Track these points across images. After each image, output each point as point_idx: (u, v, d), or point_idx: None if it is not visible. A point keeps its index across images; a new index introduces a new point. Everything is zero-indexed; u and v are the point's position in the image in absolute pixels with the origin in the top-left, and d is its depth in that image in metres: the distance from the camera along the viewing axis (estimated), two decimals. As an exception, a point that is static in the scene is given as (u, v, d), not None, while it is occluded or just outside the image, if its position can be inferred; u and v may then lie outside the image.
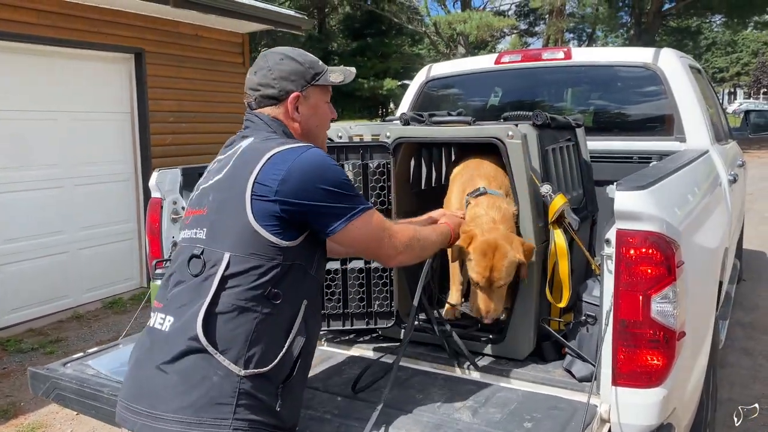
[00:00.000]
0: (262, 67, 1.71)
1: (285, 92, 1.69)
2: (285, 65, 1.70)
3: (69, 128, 5.58)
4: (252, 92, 1.72)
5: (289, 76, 1.69)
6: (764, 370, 4.14)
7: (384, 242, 1.66)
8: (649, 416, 1.82)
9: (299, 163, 1.54)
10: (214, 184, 1.62)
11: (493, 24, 19.52)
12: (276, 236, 1.52)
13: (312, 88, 1.73)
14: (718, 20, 27.33)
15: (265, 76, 1.70)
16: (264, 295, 1.51)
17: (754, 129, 4.79)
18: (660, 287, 1.74)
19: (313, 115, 1.75)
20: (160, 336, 1.54)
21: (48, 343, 4.89)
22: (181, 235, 1.69)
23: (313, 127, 1.76)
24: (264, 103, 1.71)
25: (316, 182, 1.53)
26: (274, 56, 1.72)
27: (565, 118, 2.56)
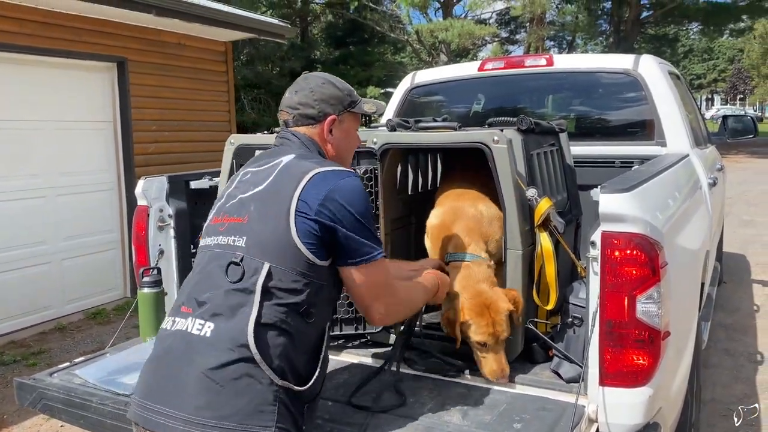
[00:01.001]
0: (304, 88, 1.80)
1: (323, 114, 1.78)
2: (326, 89, 1.79)
3: (51, 138, 5.54)
4: (291, 110, 1.80)
5: (329, 100, 1.79)
6: (745, 371, 4.21)
7: (380, 301, 1.71)
8: (636, 415, 1.85)
9: (340, 187, 1.60)
10: (255, 195, 1.66)
11: (474, 32, 19.64)
12: (313, 254, 1.57)
13: (347, 114, 1.83)
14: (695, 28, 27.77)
15: (306, 97, 1.78)
16: (300, 312, 1.56)
17: (731, 134, 4.87)
18: (645, 288, 1.78)
19: (344, 139, 1.84)
20: (202, 342, 1.53)
21: (30, 354, 4.82)
22: (210, 240, 1.70)
23: (343, 150, 1.86)
24: (301, 122, 1.79)
25: (351, 209, 1.60)
26: (316, 79, 1.81)
27: (548, 123, 2.60)
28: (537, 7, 19.90)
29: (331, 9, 21.88)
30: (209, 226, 1.76)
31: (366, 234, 1.63)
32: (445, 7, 21.99)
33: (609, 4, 24.53)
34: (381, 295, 1.71)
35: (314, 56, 21.54)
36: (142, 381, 1.61)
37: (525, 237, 2.15)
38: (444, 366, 2.20)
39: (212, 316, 1.55)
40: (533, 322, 2.22)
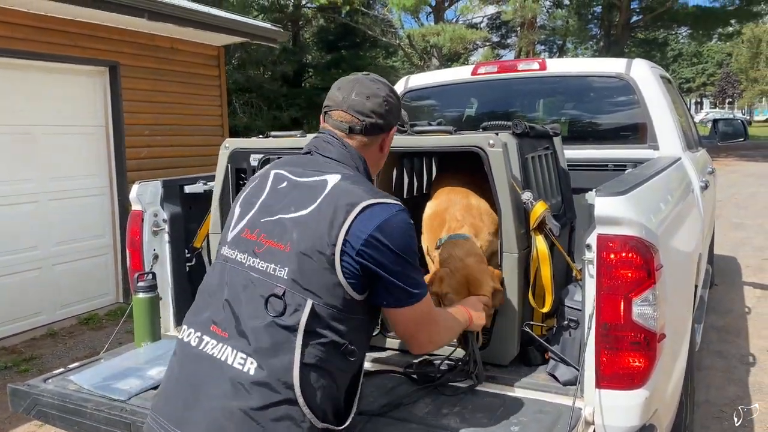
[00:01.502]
0: (378, 96, 1.72)
1: (389, 126, 1.76)
2: (394, 100, 1.76)
3: (43, 142, 5.51)
4: (363, 117, 1.70)
5: (395, 111, 1.76)
6: (738, 372, 4.23)
7: (422, 331, 1.69)
8: (633, 417, 1.85)
9: (386, 226, 1.52)
10: (299, 220, 1.55)
11: (466, 36, 19.74)
12: (354, 291, 1.51)
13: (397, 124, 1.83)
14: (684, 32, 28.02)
15: (380, 106, 1.71)
16: (341, 350, 1.51)
17: (722, 137, 4.91)
18: (640, 290, 1.79)
19: (388, 148, 1.84)
20: (244, 379, 1.45)
21: (22, 361, 4.78)
22: (243, 257, 1.59)
23: (382, 160, 1.85)
24: (370, 132, 1.72)
25: (396, 249, 1.53)
26: (385, 88, 1.75)
27: (543, 127, 2.61)
28: (528, 11, 20.02)
29: (322, 13, 21.90)
30: (240, 238, 1.62)
31: (409, 276, 1.56)
32: (436, 12, 22.08)
33: (599, 8, 24.73)
34: (423, 326, 1.68)
35: (306, 60, 21.56)
36: (166, 401, 1.55)
37: (521, 240, 2.16)
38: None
39: (255, 352, 1.47)
40: (529, 325, 2.23)
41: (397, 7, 19.59)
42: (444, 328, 1.80)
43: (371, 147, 1.74)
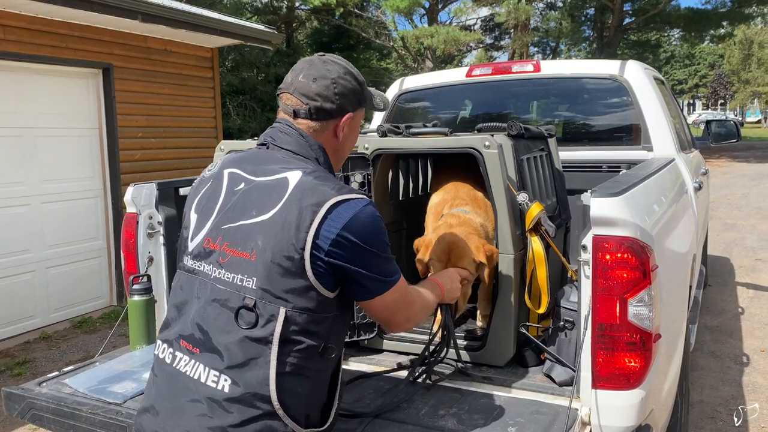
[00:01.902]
0: (325, 77, 1.58)
1: (342, 111, 1.60)
2: (348, 82, 1.60)
3: (35, 145, 5.49)
4: (306, 100, 1.57)
5: (349, 95, 1.60)
6: (732, 373, 4.25)
7: (399, 314, 1.63)
8: (629, 417, 1.86)
9: (355, 224, 1.44)
10: (262, 225, 1.45)
11: (459, 38, 19.78)
12: (326, 289, 1.46)
13: (359, 109, 1.67)
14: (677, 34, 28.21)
15: (327, 88, 1.57)
16: (319, 352, 1.46)
17: (715, 138, 4.94)
18: (636, 291, 1.79)
19: (350, 136, 1.68)
20: (219, 397, 1.41)
21: (15, 364, 4.76)
22: (207, 267, 1.51)
23: (346, 149, 1.71)
24: (317, 116, 1.58)
25: (365, 245, 1.46)
26: (337, 68, 1.61)
27: (538, 129, 2.62)
28: (521, 13, 20.09)
29: (316, 15, 21.91)
30: (203, 249, 1.53)
31: (380, 266, 1.51)
32: (430, 14, 22.12)
33: (592, 10, 24.82)
34: (400, 309, 1.63)
35: (300, 62, 21.52)
36: (147, 422, 1.50)
37: (516, 241, 2.16)
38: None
39: (228, 368, 1.41)
40: (525, 326, 2.23)
41: (390, 9, 19.63)
42: (420, 306, 1.74)
43: (323, 133, 1.61)
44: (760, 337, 4.91)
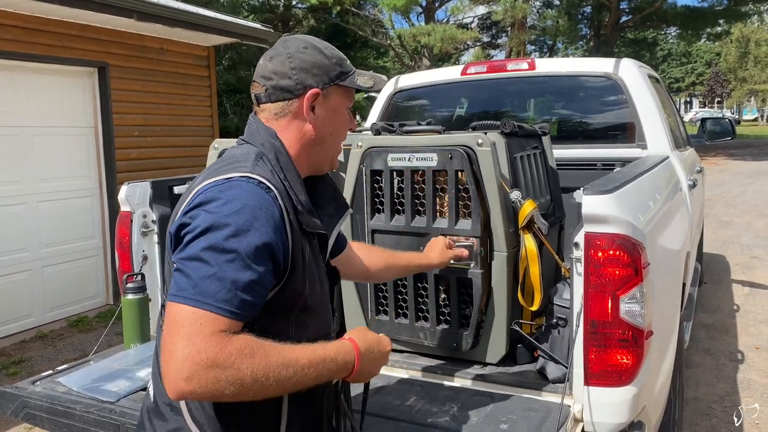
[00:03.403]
0: (281, 53, 1.38)
1: (303, 86, 1.36)
2: (308, 55, 1.38)
3: (31, 144, 5.48)
4: (263, 80, 1.38)
5: (311, 69, 1.37)
6: (727, 370, 4.27)
7: (175, 343, 1.08)
8: (621, 414, 1.87)
9: (198, 200, 1.22)
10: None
11: (456, 37, 19.78)
12: None
13: (335, 88, 1.41)
14: (673, 32, 28.22)
15: (282, 64, 1.37)
16: None
17: (710, 136, 4.95)
18: (628, 288, 1.80)
19: (329, 120, 1.41)
20: (149, 405, 1.34)
21: (11, 363, 4.75)
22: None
23: (327, 134, 1.42)
24: (275, 96, 1.37)
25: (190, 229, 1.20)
26: (296, 42, 1.40)
27: (531, 127, 2.62)
28: (518, 11, 20.09)
29: (313, 14, 21.89)
30: None
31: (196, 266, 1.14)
32: (427, 12, 22.10)
33: (589, 8, 24.83)
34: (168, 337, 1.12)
35: (297, 61, 21.50)
36: None
37: (510, 239, 2.17)
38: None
39: (153, 375, 1.33)
40: (518, 323, 2.24)
41: (387, 8, 19.60)
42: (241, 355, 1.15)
43: (284, 117, 1.37)
44: (754, 334, 4.93)
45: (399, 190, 2.33)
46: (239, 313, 1.11)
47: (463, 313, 2.24)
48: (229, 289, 1.10)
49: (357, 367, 1.27)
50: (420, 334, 2.33)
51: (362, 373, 1.31)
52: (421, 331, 2.33)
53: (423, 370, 2.26)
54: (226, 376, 1.05)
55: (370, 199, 2.33)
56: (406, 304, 2.35)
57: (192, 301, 1.09)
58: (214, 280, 1.10)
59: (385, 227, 2.33)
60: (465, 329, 2.23)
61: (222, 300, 1.09)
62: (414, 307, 2.33)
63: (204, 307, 1.09)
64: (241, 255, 1.12)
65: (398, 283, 2.35)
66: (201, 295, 1.09)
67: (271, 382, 1.10)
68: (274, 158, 1.32)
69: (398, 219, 2.32)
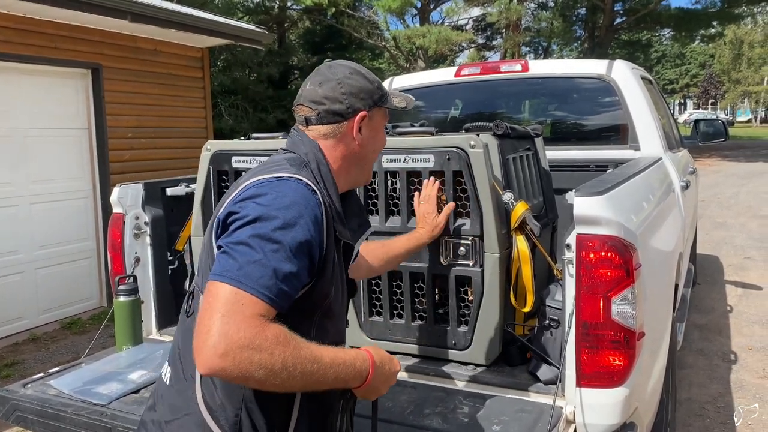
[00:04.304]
0: (330, 79, 1.49)
1: (353, 110, 1.48)
2: (355, 81, 1.50)
3: (24, 145, 5.46)
4: (315, 105, 1.47)
5: (359, 93, 1.49)
6: (720, 370, 4.28)
7: (203, 320, 1.13)
8: (613, 415, 1.87)
9: (249, 193, 1.29)
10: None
11: (451, 38, 19.80)
12: None
13: (377, 110, 1.54)
14: (667, 34, 28.32)
15: (333, 90, 1.47)
16: None
17: (703, 137, 4.96)
18: (619, 289, 1.80)
19: (372, 138, 1.55)
20: (162, 388, 1.40)
21: (3, 366, 4.73)
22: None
23: (370, 152, 1.56)
24: (327, 119, 1.47)
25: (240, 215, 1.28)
26: (342, 69, 1.52)
27: (524, 128, 2.63)
28: (513, 13, 20.14)
29: (308, 15, 21.88)
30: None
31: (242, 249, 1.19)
32: (422, 14, 22.13)
33: (583, 10, 24.91)
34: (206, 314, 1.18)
35: (292, 62, 21.52)
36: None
37: (502, 240, 2.17)
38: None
39: (172, 358, 1.40)
40: (511, 324, 2.24)
41: (382, 9, 19.62)
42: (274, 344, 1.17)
43: (334, 137, 1.48)
44: (747, 335, 4.95)
45: (393, 191, 2.33)
46: (277, 301, 1.16)
47: (461, 312, 2.25)
48: (271, 276, 1.16)
49: (370, 378, 1.31)
50: (415, 334, 2.33)
51: (372, 387, 1.34)
52: (416, 331, 2.33)
53: (415, 371, 2.26)
54: (259, 358, 1.09)
55: (363, 200, 2.33)
56: (400, 304, 2.36)
57: (236, 282, 1.14)
58: (258, 266, 1.16)
59: (379, 228, 2.33)
60: (464, 326, 2.23)
61: (264, 286, 1.15)
62: (410, 307, 2.33)
63: (247, 289, 1.13)
64: (285, 247, 1.19)
65: (393, 284, 2.35)
66: (245, 277, 1.14)
67: (297, 373, 1.14)
68: (316, 168, 1.42)
69: (393, 220, 2.32)
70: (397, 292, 2.35)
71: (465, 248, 2.19)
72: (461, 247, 2.20)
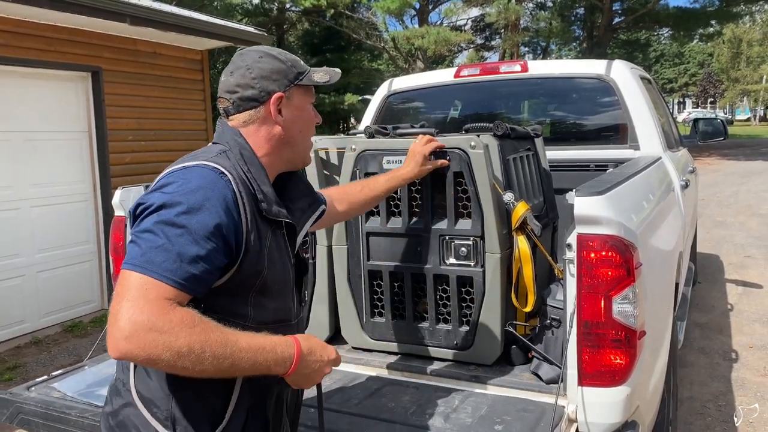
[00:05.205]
0: (240, 66, 1.47)
1: (266, 93, 1.45)
2: (265, 63, 1.46)
3: (24, 148, 5.46)
4: (229, 95, 1.47)
5: (270, 75, 1.46)
6: (721, 369, 4.29)
7: (121, 305, 1.14)
8: (615, 414, 1.88)
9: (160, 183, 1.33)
10: None
11: (450, 39, 19.83)
12: None
13: (295, 89, 1.49)
14: (666, 33, 28.34)
15: (243, 76, 1.45)
16: None
17: (702, 136, 4.97)
18: (620, 288, 1.81)
19: (297, 118, 1.51)
20: (111, 381, 1.43)
21: (6, 369, 4.74)
22: None
23: (297, 132, 1.51)
24: (243, 107, 1.45)
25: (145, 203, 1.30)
26: (251, 54, 1.49)
27: (524, 129, 2.64)
28: (511, 13, 20.17)
29: (307, 17, 21.91)
30: None
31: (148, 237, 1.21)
32: (420, 14, 22.16)
33: (582, 10, 24.93)
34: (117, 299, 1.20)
35: (291, 64, 21.52)
36: None
37: (503, 240, 2.18)
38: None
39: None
40: (512, 324, 2.25)
41: (381, 10, 19.64)
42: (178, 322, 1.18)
43: (253, 123, 1.46)
44: (748, 333, 4.95)
45: (394, 192, 2.34)
46: (184, 284, 1.18)
47: (462, 312, 2.26)
48: (175, 260, 1.17)
49: (295, 365, 1.28)
50: (417, 334, 2.34)
51: (300, 374, 1.32)
52: (418, 331, 2.34)
53: (418, 371, 2.27)
54: (164, 340, 1.11)
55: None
56: (402, 305, 2.36)
57: (140, 268, 1.16)
58: (161, 251, 1.18)
59: (381, 230, 2.34)
60: (465, 326, 2.24)
61: (167, 269, 1.16)
62: (411, 308, 2.34)
63: (150, 274, 1.16)
64: (190, 230, 1.20)
65: (394, 285, 2.36)
66: (148, 263, 1.16)
67: (207, 356, 1.14)
68: (237, 153, 1.41)
69: (394, 221, 2.33)
70: (399, 292, 2.36)
71: (466, 249, 2.20)
72: (462, 248, 2.21)
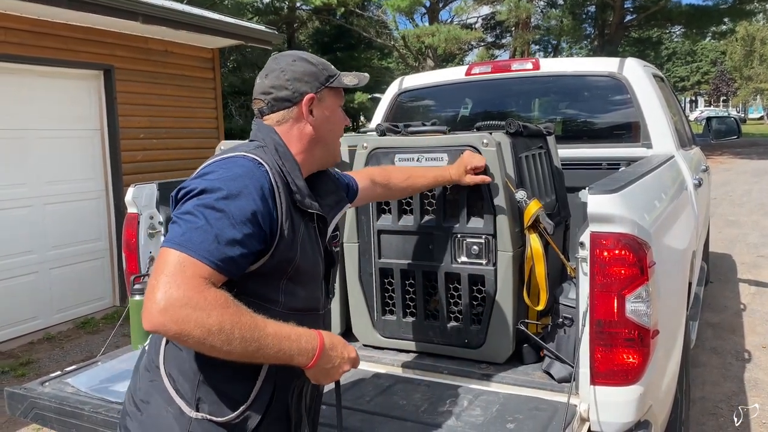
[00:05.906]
0: (274, 69, 1.56)
1: (299, 94, 1.53)
2: (298, 66, 1.55)
3: (37, 146, 5.51)
4: (264, 96, 1.55)
5: (302, 77, 1.54)
6: (733, 369, 4.26)
7: (159, 280, 1.19)
8: (627, 413, 1.87)
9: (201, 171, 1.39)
10: None
11: (460, 37, 19.77)
12: None
13: (326, 90, 1.58)
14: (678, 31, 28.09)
15: (277, 78, 1.54)
16: None
17: (715, 135, 4.94)
18: (633, 287, 1.80)
19: (327, 119, 1.59)
20: (140, 359, 1.49)
21: (19, 365, 4.78)
22: None
23: (327, 132, 1.59)
24: (277, 107, 1.54)
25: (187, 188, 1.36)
26: (285, 58, 1.58)
27: (536, 127, 2.63)
28: (522, 11, 20.06)
29: (317, 15, 21.93)
30: None
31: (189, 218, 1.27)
32: (431, 12, 22.10)
33: (593, 8, 24.77)
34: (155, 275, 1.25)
35: (301, 62, 21.55)
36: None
37: (515, 239, 2.17)
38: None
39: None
40: (524, 323, 2.24)
41: (391, 9, 19.61)
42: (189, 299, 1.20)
43: (286, 123, 1.54)
44: (761, 333, 4.91)
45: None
46: (220, 265, 1.23)
47: (474, 310, 2.25)
48: (213, 241, 1.23)
49: (317, 358, 1.31)
50: (429, 332, 2.34)
51: (321, 368, 1.35)
52: (429, 329, 2.34)
53: (429, 369, 2.27)
54: (196, 316, 1.15)
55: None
56: (413, 303, 2.36)
57: (179, 246, 1.22)
58: (200, 232, 1.23)
59: (392, 227, 2.34)
60: (477, 325, 2.24)
61: (205, 249, 1.22)
62: (423, 306, 2.34)
63: (189, 252, 1.21)
64: (228, 215, 1.26)
65: (405, 283, 2.36)
66: (188, 242, 1.22)
67: (236, 337, 1.18)
68: (273, 149, 1.48)
69: (406, 219, 2.33)
70: (410, 290, 2.36)
71: (478, 247, 2.20)
72: (474, 246, 2.21)
